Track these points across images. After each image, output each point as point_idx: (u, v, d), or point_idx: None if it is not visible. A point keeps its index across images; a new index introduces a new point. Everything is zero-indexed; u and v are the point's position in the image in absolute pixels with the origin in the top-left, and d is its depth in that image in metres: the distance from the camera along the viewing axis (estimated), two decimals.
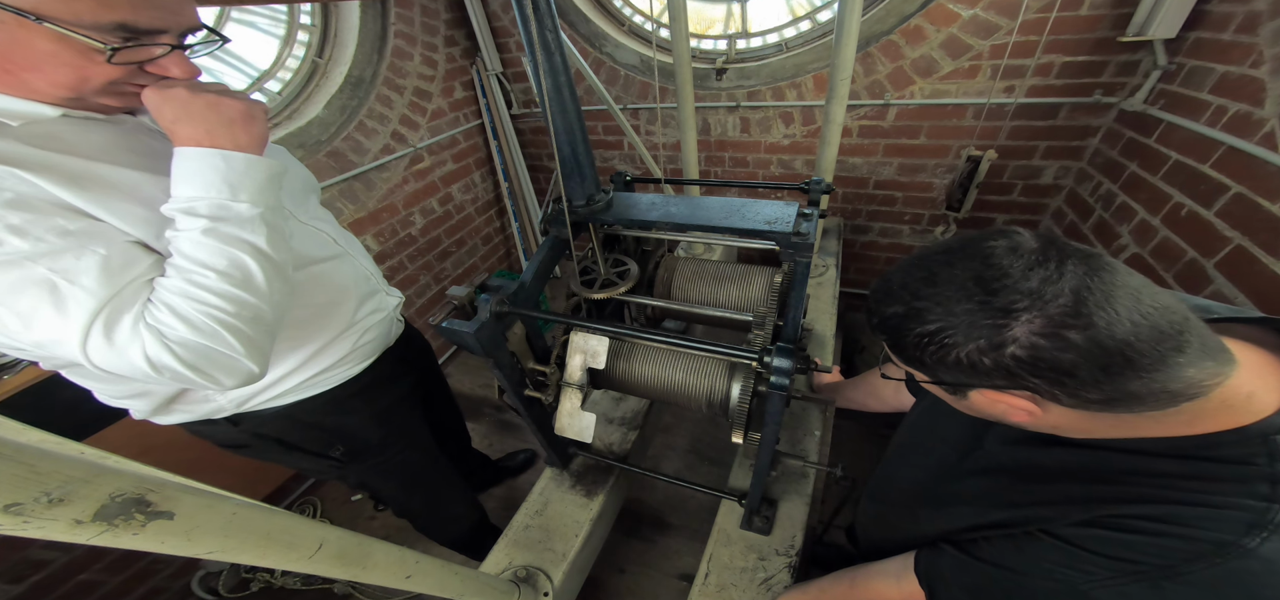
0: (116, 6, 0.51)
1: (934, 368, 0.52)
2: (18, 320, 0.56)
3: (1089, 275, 0.43)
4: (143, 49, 0.57)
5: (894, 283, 0.54)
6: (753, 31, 2.28)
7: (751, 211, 1.01)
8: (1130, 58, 1.67)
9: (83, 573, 1.53)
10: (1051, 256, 0.45)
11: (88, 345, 0.58)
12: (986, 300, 0.46)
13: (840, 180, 2.34)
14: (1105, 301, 0.42)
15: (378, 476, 1.27)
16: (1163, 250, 1.45)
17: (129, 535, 0.35)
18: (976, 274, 0.47)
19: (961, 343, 0.47)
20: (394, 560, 0.64)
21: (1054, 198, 2.08)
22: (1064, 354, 0.43)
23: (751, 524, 1.07)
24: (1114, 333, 0.41)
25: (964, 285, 0.48)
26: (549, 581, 1.01)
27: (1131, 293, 0.43)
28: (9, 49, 0.51)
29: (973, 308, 0.47)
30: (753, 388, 0.93)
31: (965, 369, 0.49)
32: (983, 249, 0.48)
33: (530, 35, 0.80)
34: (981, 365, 0.47)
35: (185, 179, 0.63)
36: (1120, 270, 0.44)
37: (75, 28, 0.50)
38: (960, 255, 0.50)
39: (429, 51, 2.46)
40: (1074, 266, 0.44)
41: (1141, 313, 0.42)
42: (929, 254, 0.53)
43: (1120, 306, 0.42)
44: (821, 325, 1.60)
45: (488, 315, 0.88)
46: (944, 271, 0.50)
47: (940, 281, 0.49)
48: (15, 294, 0.55)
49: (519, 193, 3.09)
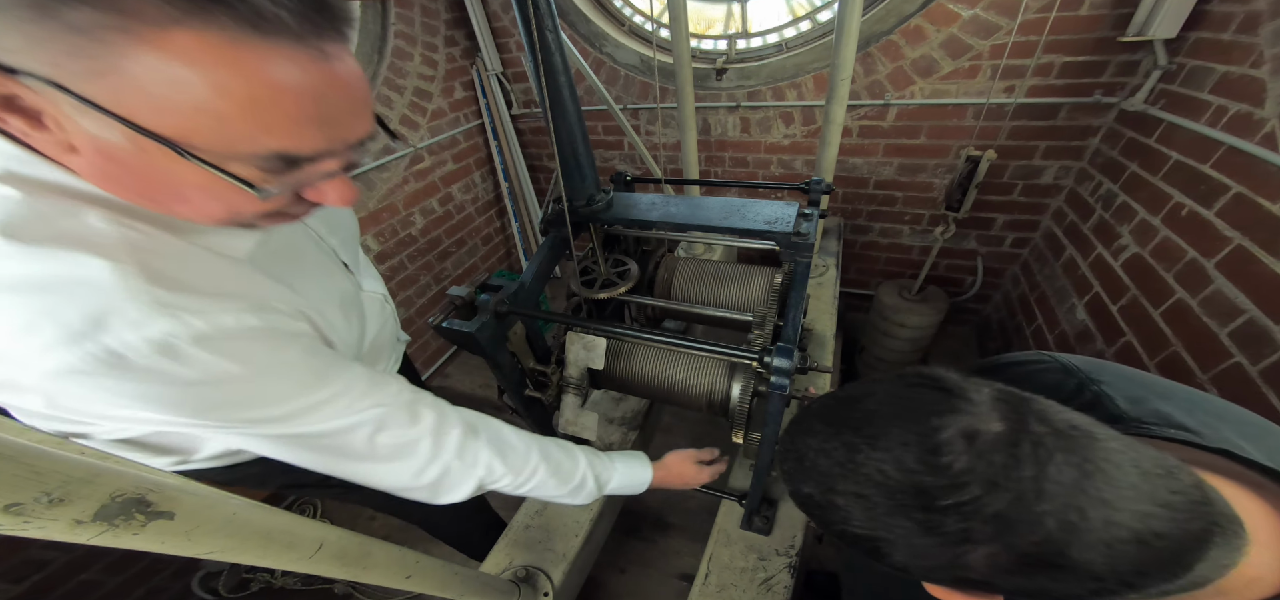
0: (275, 131, 0.38)
1: (872, 557, 0.38)
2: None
3: (1083, 483, 0.30)
4: (303, 174, 0.43)
5: (806, 450, 0.40)
6: (753, 31, 2.27)
7: (751, 211, 1.01)
8: (1130, 58, 1.67)
9: (83, 573, 1.53)
10: (1025, 454, 0.31)
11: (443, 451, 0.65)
12: (931, 522, 0.33)
13: (840, 180, 2.34)
14: (1105, 528, 0.30)
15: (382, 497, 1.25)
16: (1163, 250, 1.45)
17: (129, 535, 0.35)
18: (917, 482, 0.33)
19: (899, 557, 0.35)
20: (394, 560, 0.64)
21: (1054, 198, 2.08)
22: (1041, 587, 0.33)
23: (752, 524, 1.07)
24: (1115, 566, 0.30)
25: (898, 493, 0.34)
26: (549, 581, 1.01)
27: (1144, 497, 0.31)
28: (150, 176, 0.39)
29: (911, 528, 0.33)
30: (753, 388, 0.93)
31: (909, 570, 0.36)
32: (927, 433, 0.34)
33: (530, 35, 0.80)
34: (929, 574, 0.36)
35: (618, 476, 0.87)
36: (1124, 460, 0.32)
37: (226, 160, 0.38)
38: (893, 433, 0.35)
39: (429, 51, 2.46)
40: (1060, 471, 0.31)
41: (1156, 528, 0.30)
42: (849, 420, 0.38)
43: (1123, 526, 0.30)
44: (821, 325, 1.60)
45: (488, 315, 0.88)
46: (869, 463, 0.35)
47: (864, 479, 0.35)
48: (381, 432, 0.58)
49: (519, 193, 3.09)
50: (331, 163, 0.44)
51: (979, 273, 2.40)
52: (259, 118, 0.36)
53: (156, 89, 0.33)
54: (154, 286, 0.41)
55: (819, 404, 0.42)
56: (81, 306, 0.38)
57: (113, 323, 0.39)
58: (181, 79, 0.33)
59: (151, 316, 0.40)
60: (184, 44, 0.32)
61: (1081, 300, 1.79)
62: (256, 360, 0.47)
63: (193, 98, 0.34)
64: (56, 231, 0.38)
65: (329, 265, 0.70)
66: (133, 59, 0.31)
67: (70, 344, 0.38)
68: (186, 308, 0.42)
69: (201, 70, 0.33)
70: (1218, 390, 1.20)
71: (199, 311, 0.43)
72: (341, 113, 0.41)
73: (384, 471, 0.61)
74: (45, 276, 0.37)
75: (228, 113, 0.35)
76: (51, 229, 0.38)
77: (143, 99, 0.33)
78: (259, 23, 0.33)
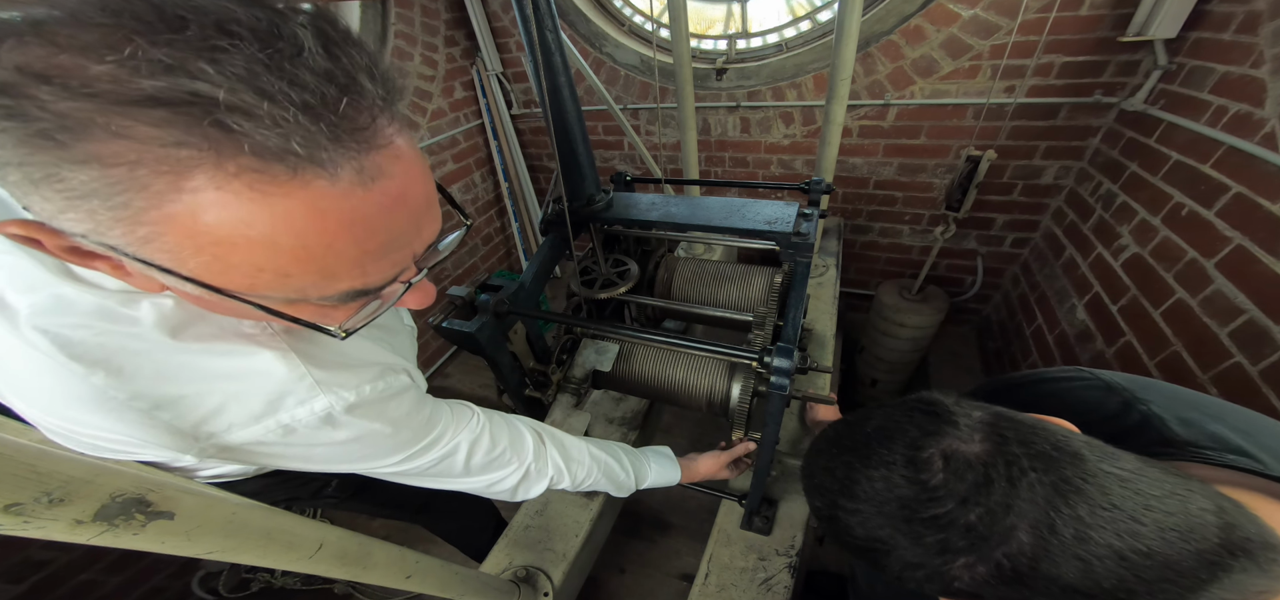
0: (339, 275, 0.37)
1: (873, 566, 0.42)
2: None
3: (1057, 501, 0.32)
4: (382, 295, 0.43)
5: (816, 470, 0.46)
6: (753, 31, 2.27)
7: (752, 211, 1.01)
8: (1130, 58, 1.67)
9: (83, 573, 1.53)
10: (998, 473, 0.34)
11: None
12: (914, 533, 0.36)
13: (840, 180, 2.34)
14: (1079, 543, 0.31)
15: (389, 504, 1.25)
16: (1163, 250, 1.45)
17: (129, 535, 0.35)
18: (901, 495, 0.37)
19: (894, 566, 0.39)
20: (394, 560, 0.64)
21: (1054, 198, 2.08)
22: (1024, 597, 0.34)
23: (752, 524, 1.07)
24: (1095, 580, 0.31)
25: (886, 506, 0.38)
26: (549, 581, 1.01)
27: (1122, 518, 0.32)
28: (237, 311, 0.40)
29: (900, 539, 0.37)
30: (753, 388, 0.93)
31: (903, 578, 0.39)
32: (912, 452, 0.38)
33: (530, 35, 0.80)
34: (922, 583, 0.38)
35: (652, 473, 0.93)
36: (1109, 482, 0.33)
37: (297, 305, 0.39)
38: (883, 454, 0.39)
39: (429, 52, 2.46)
40: (1033, 490, 0.33)
41: (1140, 547, 0.31)
42: (850, 442, 0.43)
43: (1101, 542, 0.31)
44: (821, 325, 1.60)
45: (488, 315, 0.88)
46: (863, 480, 0.39)
47: (860, 495, 0.39)
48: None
49: (519, 193, 3.09)
50: (409, 273, 0.43)
51: (979, 273, 2.40)
52: (319, 265, 0.35)
53: (209, 249, 0.31)
54: (312, 368, 0.47)
55: (831, 428, 0.48)
56: (261, 392, 0.45)
57: (287, 403, 0.46)
58: (226, 237, 0.31)
59: (314, 395, 0.47)
60: (210, 199, 0.30)
61: (1081, 300, 1.79)
62: (390, 416, 0.55)
63: (250, 258, 0.33)
64: (221, 330, 0.44)
65: (400, 316, 0.78)
66: (170, 218, 0.30)
67: (252, 424, 0.45)
68: (339, 383, 0.49)
69: (238, 225, 0.31)
70: (1218, 390, 1.20)
71: (347, 385, 0.49)
72: (404, 231, 0.39)
73: (474, 482, 0.71)
74: (226, 369, 0.43)
75: (286, 267, 0.34)
76: (216, 327, 0.43)
77: (201, 259, 0.32)
78: (278, 158, 0.30)
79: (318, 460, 0.53)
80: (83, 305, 0.39)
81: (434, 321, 0.92)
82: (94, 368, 0.39)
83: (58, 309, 0.38)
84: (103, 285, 0.40)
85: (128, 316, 0.40)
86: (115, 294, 0.40)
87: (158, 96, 0.27)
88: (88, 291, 0.39)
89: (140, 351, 0.40)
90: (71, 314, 0.38)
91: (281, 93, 0.29)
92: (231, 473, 0.68)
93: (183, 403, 0.42)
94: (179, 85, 0.27)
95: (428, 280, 0.47)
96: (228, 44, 0.28)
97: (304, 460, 0.52)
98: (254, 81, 0.28)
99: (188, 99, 0.27)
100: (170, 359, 0.41)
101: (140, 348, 0.40)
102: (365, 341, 0.56)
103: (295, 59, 0.30)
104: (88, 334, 0.39)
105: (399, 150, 0.36)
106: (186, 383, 0.42)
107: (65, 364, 0.38)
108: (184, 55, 0.27)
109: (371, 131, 0.34)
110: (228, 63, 0.28)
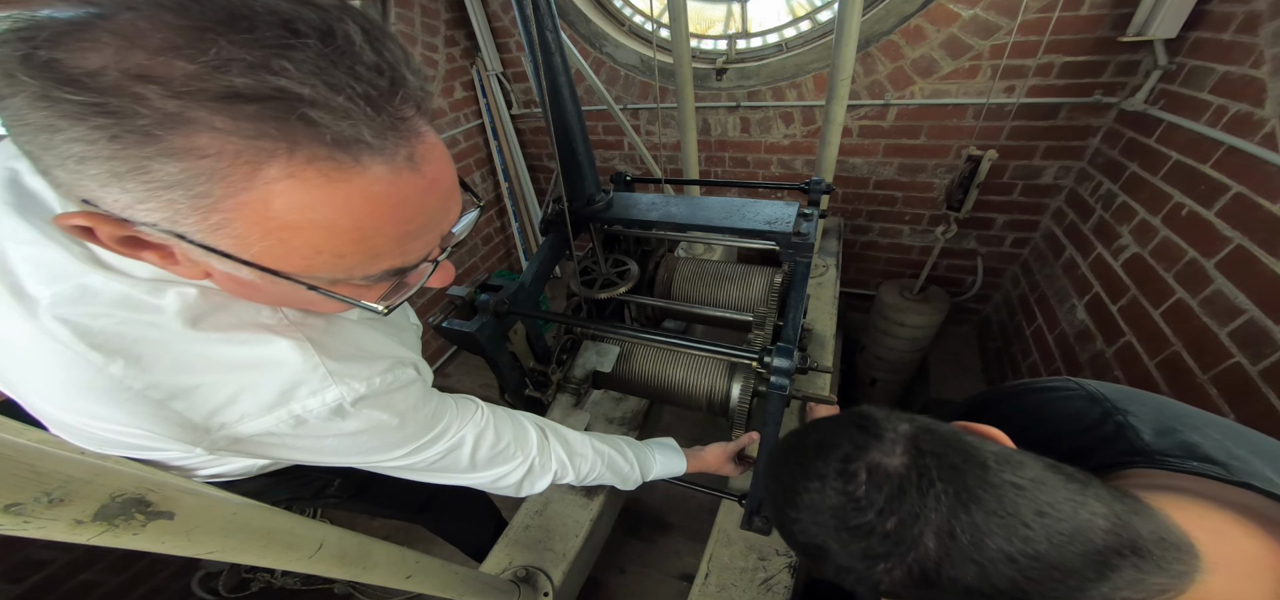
0: (385, 254, 0.40)
1: (817, 564, 0.45)
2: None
3: (957, 509, 0.36)
4: (414, 274, 0.47)
5: (769, 479, 0.49)
6: (753, 32, 2.27)
7: (752, 211, 1.01)
8: (1131, 58, 1.67)
9: (83, 573, 1.53)
10: (910, 484, 0.38)
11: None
12: (842, 540, 0.40)
13: (840, 180, 2.34)
14: (974, 548, 0.35)
15: (394, 504, 1.25)
16: (1163, 250, 1.45)
17: (129, 535, 0.35)
18: (832, 505, 0.40)
19: (830, 569, 0.42)
20: (394, 560, 0.64)
21: (1054, 198, 2.08)
22: (937, 598, 0.37)
23: (752, 524, 1.07)
24: (991, 581, 0.35)
25: (820, 515, 0.41)
26: (549, 581, 1.01)
27: (1015, 524, 0.35)
28: (281, 296, 0.44)
29: (834, 544, 0.40)
30: (753, 388, 0.93)
31: (844, 581, 0.43)
32: (843, 465, 0.41)
33: (530, 35, 0.80)
34: (857, 584, 0.42)
35: (657, 464, 0.92)
36: (1006, 491, 0.36)
37: (343, 285, 0.41)
38: (819, 466, 0.42)
39: (429, 51, 2.46)
40: (938, 500, 0.36)
41: (1029, 551, 0.35)
42: (795, 454, 0.46)
43: (993, 547, 0.35)
44: (821, 325, 1.60)
45: (488, 315, 0.88)
46: (803, 490, 0.43)
47: (800, 504, 0.43)
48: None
49: (519, 193, 3.09)
50: (435, 253, 0.47)
51: (979, 273, 2.40)
52: (368, 246, 0.38)
53: (274, 233, 0.34)
54: (325, 359, 0.48)
55: (784, 439, 0.51)
56: (275, 382, 0.45)
57: (299, 392, 0.46)
58: (292, 222, 0.33)
59: (326, 385, 0.47)
60: (282, 187, 0.32)
61: (1081, 300, 1.79)
62: (397, 408, 0.55)
63: (311, 241, 0.35)
64: (239, 320, 0.45)
65: (406, 312, 0.79)
66: (243, 205, 0.32)
67: (264, 414, 0.45)
68: (351, 374, 0.49)
69: (305, 210, 0.33)
70: (1218, 391, 1.20)
71: (359, 376, 0.50)
72: (438, 212, 0.43)
73: (479, 477, 0.72)
74: (243, 358, 0.44)
75: (342, 248, 0.37)
76: (235, 317, 0.44)
77: (265, 244, 0.34)
78: (346, 148, 0.32)
79: (326, 453, 0.53)
80: (107, 294, 0.39)
81: (434, 321, 0.92)
82: (113, 357, 0.39)
83: (81, 299, 0.39)
84: (132, 274, 0.41)
85: (151, 305, 0.41)
86: (144, 283, 0.41)
87: (246, 93, 0.28)
88: (114, 279, 0.40)
89: (160, 341, 0.41)
90: (94, 303, 0.39)
91: (348, 87, 0.31)
92: (236, 471, 0.69)
93: (197, 393, 0.43)
94: (265, 82, 0.29)
95: (449, 262, 0.50)
96: (297, 42, 0.30)
97: (313, 452, 0.52)
98: (325, 76, 0.30)
99: (274, 94, 0.29)
100: (188, 349, 0.42)
101: (160, 337, 0.41)
102: (376, 334, 0.57)
103: (351, 54, 0.32)
104: (108, 322, 0.39)
105: (432, 137, 0.40)
106: (202, 373, 0.43)
107: (84, 354, 0.38)
108: (263, 54, 0.29)
109: (415, 120, 0.37)
110: (301, 60, 0.30)
